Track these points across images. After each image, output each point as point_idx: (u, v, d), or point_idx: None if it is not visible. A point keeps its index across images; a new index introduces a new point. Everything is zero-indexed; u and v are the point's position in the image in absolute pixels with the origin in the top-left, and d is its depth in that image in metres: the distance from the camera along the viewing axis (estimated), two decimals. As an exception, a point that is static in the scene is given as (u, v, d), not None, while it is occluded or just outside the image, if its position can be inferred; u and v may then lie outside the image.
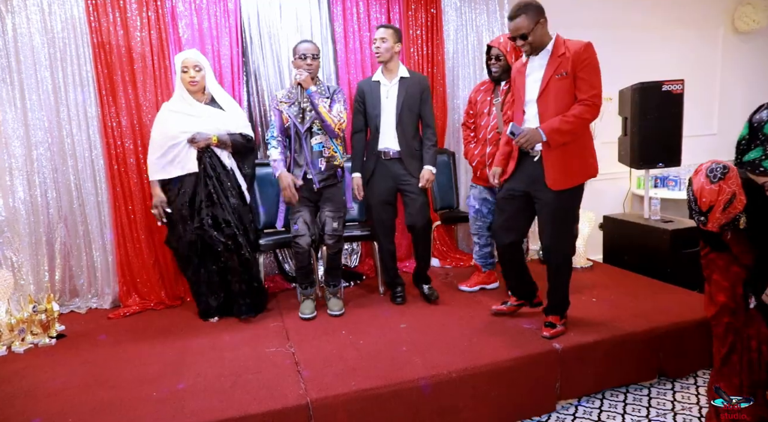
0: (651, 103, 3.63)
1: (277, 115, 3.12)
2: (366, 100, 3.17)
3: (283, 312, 3.21)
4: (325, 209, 3.11)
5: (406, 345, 2.60)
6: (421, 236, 3.21)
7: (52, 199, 3.35)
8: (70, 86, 3.27)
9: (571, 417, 2.43)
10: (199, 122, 3.00)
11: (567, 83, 2.44)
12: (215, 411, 2.08)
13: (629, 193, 4.65)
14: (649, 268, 3.56)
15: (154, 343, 2.85)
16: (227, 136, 3.06)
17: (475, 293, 3.38)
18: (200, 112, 3.04)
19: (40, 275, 3.37)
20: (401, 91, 3.11)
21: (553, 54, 2.47)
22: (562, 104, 2.46)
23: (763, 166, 1.61)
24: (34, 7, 3.16)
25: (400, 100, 3.11)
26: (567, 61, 2.42)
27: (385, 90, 3.14)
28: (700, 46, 4.82)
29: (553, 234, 2.59)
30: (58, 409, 2.16)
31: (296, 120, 3.03)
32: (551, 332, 2.58)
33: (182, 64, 3.00)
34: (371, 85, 3.18)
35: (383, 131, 3.14)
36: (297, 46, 3.07)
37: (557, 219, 2.56)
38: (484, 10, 4.03)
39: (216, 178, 3.02)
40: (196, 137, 2.97)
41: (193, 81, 3.00)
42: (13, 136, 3.20)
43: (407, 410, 2.24)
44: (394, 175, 3.16)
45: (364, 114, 3.20)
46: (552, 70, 2.46)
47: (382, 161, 3.16)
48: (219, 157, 3.06)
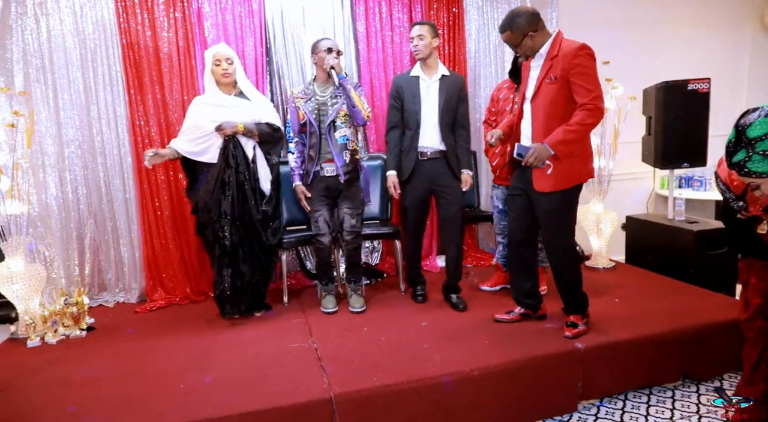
0: (676, 102, 3.59)
1: (293, 112, 3.09)
2: (404, 95, 3.09)
3: (305, 308, 3.26)
4: (343, 206, 3.13)
5: (428, 342, 2.62)
6: (454, 241, 3.15)
7: (82, 196, 3.44)
8: (100, 86, 3.36)
9: (593, 418, 2.42)
10: (228, 112, 2.99)
11: (555, 88, 2.43)
12: (241, 403, 2.12)
13: (653, 194, 4.60)
14: (673, 269, 3.52)
15: (179, 337, 2.91)
16: (253, 125, 3.03)
17: (496, 293, 3.39)
18: (229, 103, 3.02)
19: (71, 269, 3.47)
20: (443, 89, 3.06)
21: (547, 57, 2.47)
22: (551, 109, 2.46)
23: (747, 167, 1.68)
24: (66, 9, 3.25)
25: (442, 97, 3.05)
26: (558, 65, 2.41)
27: (425, 86, 3.08)
28: (727, 44, 4.73)
29: (548, 231, 2.61)
30: (90, 398, 2.23)
31: (312, 116, 3.02)
32: (573, 332, 2.57)
33: (214, 57, 3.00)
34: (409, 81, 3.11)
35: (424, 129, 3.07)
36: (319, 42, 3.04)
37: (550, 220, 2.57)
38: (506, 8, 4.00)
39: (236, 169, 2.97)
40: (223, 125, 2.93)
41: (226, 73, 3.00)
42: (47, 134, 3.30)
43: (428, 406, 2.26)
44: (432, 176, 3.11)
45: (400, 110, 3.12)
46: (543, 74, 2.46)
47: (421, 161, 3.10)
48: (243, 148, 3.01)
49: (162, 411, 2.09)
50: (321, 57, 3.00)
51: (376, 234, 3.54)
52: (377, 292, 3.50)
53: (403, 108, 3.11)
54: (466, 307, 3.08)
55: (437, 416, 2.27)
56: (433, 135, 3.08)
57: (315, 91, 3.07)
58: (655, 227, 3.78)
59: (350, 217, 3.10)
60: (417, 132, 3.08)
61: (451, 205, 3.11)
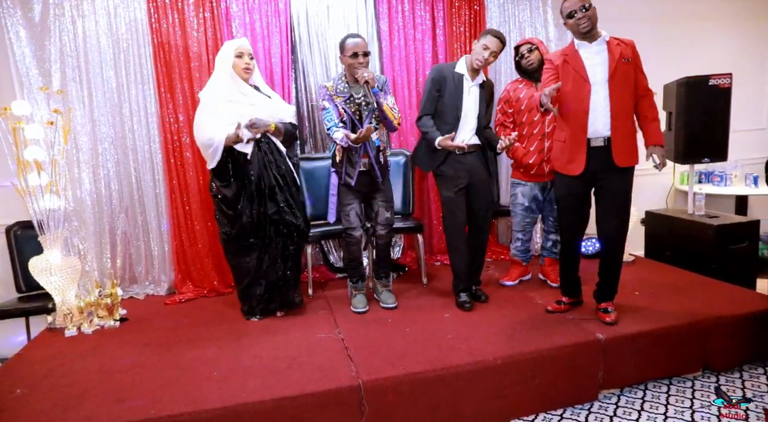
0: (697, 98, 3.61)
1: (333, 106, 3.01)
2: (445, 88, 3.06)
3: (330, 300, 3.35)
4: (378, 199, 3.14)
5: (451, 333, 2.69)
6: (482, 233, 3.19)
7: (114, 191, 3.57)
8: (132, 84, 3.48)
9: (613, 406, 2.48)
10: (255, 110, 2.95)
11: (631, 68, 2.62)
12: (274, 389, 2.21)
13: (672, 189, 4.62)
14: (693, 264, 3.55)
15: (210, 327, 3.02)
16: (281, 124, 3.05)
17: (516, 286, 3.45)
18: (255, 99, 3.00)
19: (103, 262, 3.60)
20: (482, 95, 3.09)
21: (611, 41, 2.64)
22: (628, 88, 2.64)
23: None
24: (101, 10, 3.37)
25: (482, 102, 3.09)
26: (627, 49, 2.62)
27: (468, 86, 3.07)
28: (749, 39, 4.72)
29: (617, 221, 2.71)
30: (130, 384, 2.34)
31: (354, 117, 3.01)
32: (612, 317, 2.68)
33: (237, 50, 2.93)
34: (454, 76, 3.06)
35: (463, 126, 3.07)
36: (345, 41, 2.96)
37: (620, 206, 2.70)
38: (527, 6, 4.06)
39: (276, 164, 3.00)
40: (256, 123, 2.87)
41: (247, 67, 2.96)
42: (81, 132, 3.43)
43: (453, 394, 2.33)
44: (469, 169, 3.09)
45: (436, 100, 3.09)
46: (618, 54, 2.60)
47: (455, 154, 3.06)
48: (276, 144, 3.03)
49: (199, 397, 2.19)
50: (350, 62, 2.95)
51: (401, 228, 3.60)
52: (400, 285, 3.57)
53: (442, 100, 3.08)
54: (488, 299, 3.15)
55: (462, 403, 2.35)
56: (471, 133, 3.09)
57: (351, 93, 3.01)
58: (675, 222, 3.81)
59: (385, 210, 3.13)
60: (455, 127, 3.05)
61: (482, 199, 3.13)
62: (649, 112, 2.68)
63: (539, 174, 3.30)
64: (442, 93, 3.07)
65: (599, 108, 2.61)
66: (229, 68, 2.96)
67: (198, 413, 2.08)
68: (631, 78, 2.61)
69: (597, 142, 2.63)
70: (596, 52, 2.62)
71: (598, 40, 2.61)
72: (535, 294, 3.23)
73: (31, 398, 2.27)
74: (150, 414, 2.07)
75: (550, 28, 4.08)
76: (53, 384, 2.39)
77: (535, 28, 4.07)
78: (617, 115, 2.60)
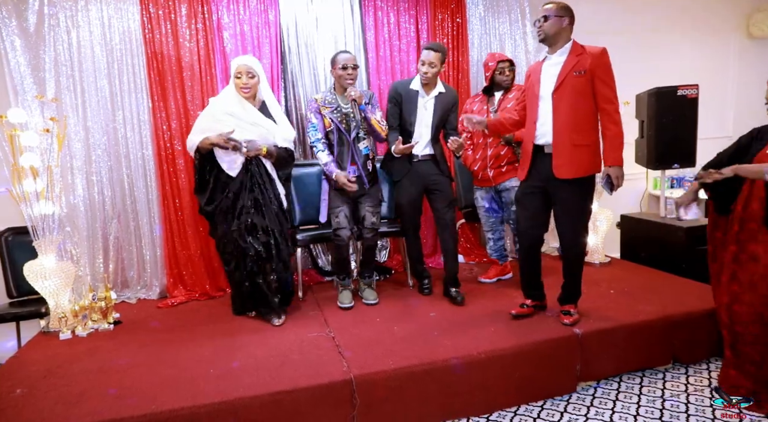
0: (667, 107, 3.82)
1: (319, 118, 3.25)
2: (402, 104, 3.32)
3: (320, 302, 3.46)
4: (365, 204, 3.32)
5: (437, 330, 2.82)
6: (448, 232, 3.38)
7: (107, 197, 3.64)
8: (125, 93, 3.57)
9: (590, 398, 2.63)
10: (252, 130, 3.03)
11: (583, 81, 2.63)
12: (269, 384, 2.31)
13: (646, 193, 4.83)
14: (665, 264, 3.74)
15: (204, 328, 3.11)
16: (275, 149, 3.12)
17: (495, 284, 3.63)
18: (255, 119, 3.07)
19: (96, 267, 3.65)
20: (437, 106, 3.30)
21: (572, 52, 2.68)
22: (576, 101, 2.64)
23: None
24: (96, 21, 3.46)
25: (436, 115, 3.30)
26: (585, 61, 2.62)
27: (423, 102, 3.30)
28: (715, 52, 4.99)
29: (570, 227, 2.79)
30: (128, 383, 2.42)
31: (342, 126, 3.22)
32: (571, 319, 2.79)
33: (236, 69, 3.03)
34: (409, 92, 3.30)
35: (416, 139, 3.30)
36: (337, 56, 3.21)
37: (572, 213, 2.75)
38: (507, 19, 4.25)
39: (261, 186, 3.08)
40: (248, 146, 2.99)
41: (245, 87, 3.03)
42: (75, 139, 3.50)
43: (440, 387, 2.46)
44: (425, 175, 3.36)
45: (398, 115, 3.35)
46: (569, 67, 2.65)
47: (414, 163, 3.35)
48: (265, 166, 3.13)
49: (197, 393, 2.28)
50: (339, 74, 3.18)
51: (387, 232, 3.73)
52: (387, 287, 3.70)
53: (400, 114, 3.35)
54: (463, 301, 3.27)
55: (448, 396, 2.48)
56: (423, 145, 3.34)
57: (339, 103, 3.24)
58: (648, 225, 4.01)
59: (371, 215, 3.29)
60: (408, 141, 3.29)
61: (443, 199, 3.36)
62: (607, 129, 2.65)
63: (484, 179, 3.58)
64: (402, 110, 3.33)
65: (547, 121, 2.71)
66: (234, 86, 3.08)
67: (197, 407, 2.18)
68: (583, 90, 2.62)
69: (548, 148, 2.72)
70: (554, 63, 2.69)
71: (558, 51, 2.69)
72: (516, 293, 3.37)
73: (32, 397, 2.33)
74: (150, 409, 2.16)
75: (529, 39, 4.27)
76: (53, 383, 2.45)
77: (515, 40, 4.26)
78: (560, 129, 2.66)
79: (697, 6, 4.89)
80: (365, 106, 3.19)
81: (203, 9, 3.62)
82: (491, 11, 4.23)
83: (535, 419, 2.48)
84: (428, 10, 4.08)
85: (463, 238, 4.36)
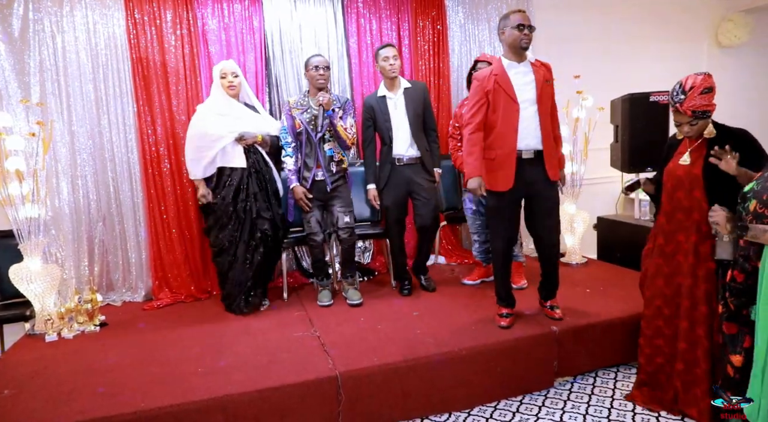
0: (640, 113, 3.96)
1: (289, 120, 3.41)
2: (375, 115, 3.47)
3: (304, 303, 3.52)
4: (336, 206, 3.42)
5: (420, 328, 2.91)
6: (428, 235, 3.54)
7: (92, 200, 3.66)
8: (111, 98, 3.61)
9: (567, 392, 2.74)
10: (242, 123, 3.32)
11: (550, 90, 2.83)
12: (257, 382, 2.38)
13: (620, 196, 4.97)
14: (639, 264, 3.84)
15: (191, 329, 3.15)
16: (268, 137, 3.41)
17: (478, 286, 3.71)
18: (241, 113, 3.36)
19: (81, 270, 3.67)
20: (408, 101, 3.42)
21: (536, 62, 2.84)
22: (548, 110, 2.83)
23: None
24: (81, 26, 3.50)
25: (409, 109, 3.42)
26: (543, 71, 2.80)
27: (392, 102, 3.44)
28: (686, 60, 5.16)
29: (555, 226, 2.90)
30: (117, 382, 2.46)
31: (309, 127, 3.34)
32: (560, 313, 2.92)
33: (221, 71, 3.34)
34: (378, 101, 3.46)
35: (397, 140, 3.43)
36: (309, 59, 3.36)
37: (553, 212, 2.89)
38: (486, 26, 4.37)
39: (261, 174, 3.35)
40: (244, 135, 3.27)
41: (231, 85, 3.32)
42: (60, 143, 3.52)
43: (423, 383, 2.55)
44: (408, 180, 3.45)
45: (374, 128, 3.51)
46: (541, 76, 2.79)
47: (397, 167, 3.45)
48: (263, 155, 3.39)
49: (186, 390, 2.34)
50: (312, 75, 3.34)
51: (369, 234, 3.83)
52: (370, 289, 3.77)
53: (377, 126, 3.49)
54: (435, 288, 3.45)
55: (431, 391, 2.57)
56: (406, 144, 3.44)
57: (310, 104, 3.38)
58: (623, 226, 4.15)
59: (344, 215, 3.39)
60: (391, 146, 3.45)
61: (426, 205, 3.45)
62: (558, 133, 2.96)
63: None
64: (375, 121, 3.47)
65: (530, 126, 2.74)
66: (219, 87, 3.36)
67: (186, 404, 2.23)
68: (550, 98, 2.83)
69: (528, 154, 2.76)
70: (524, 72, 2.75)
71: (525, 61, 2.77)
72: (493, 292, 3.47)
73: (21, 397, 2.36)
74: (141, 406, 2.21)
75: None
76: (42, 383, 2.48)
77: (494, 46, 4.37)
78: (547, 134, 2.78)
79: (670, 16, 5.08)
80: (332, 112, 3.32)
81: (188, 15, 3.68)
82: (471, 18, 4.35)
83: (515, 413, 2.58)
84: (410, 17, 4.19)
85: (445, 240, 4.46)
